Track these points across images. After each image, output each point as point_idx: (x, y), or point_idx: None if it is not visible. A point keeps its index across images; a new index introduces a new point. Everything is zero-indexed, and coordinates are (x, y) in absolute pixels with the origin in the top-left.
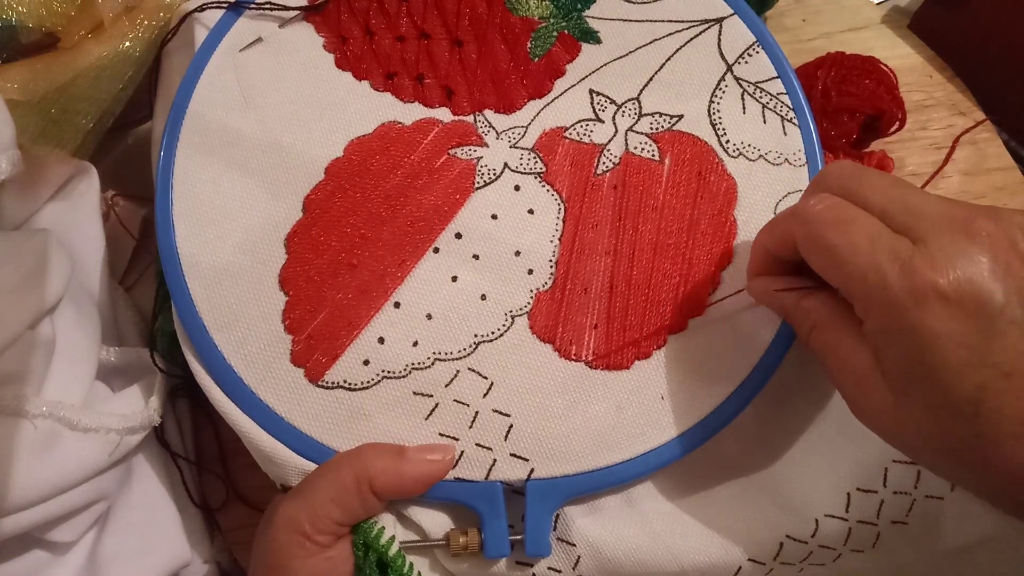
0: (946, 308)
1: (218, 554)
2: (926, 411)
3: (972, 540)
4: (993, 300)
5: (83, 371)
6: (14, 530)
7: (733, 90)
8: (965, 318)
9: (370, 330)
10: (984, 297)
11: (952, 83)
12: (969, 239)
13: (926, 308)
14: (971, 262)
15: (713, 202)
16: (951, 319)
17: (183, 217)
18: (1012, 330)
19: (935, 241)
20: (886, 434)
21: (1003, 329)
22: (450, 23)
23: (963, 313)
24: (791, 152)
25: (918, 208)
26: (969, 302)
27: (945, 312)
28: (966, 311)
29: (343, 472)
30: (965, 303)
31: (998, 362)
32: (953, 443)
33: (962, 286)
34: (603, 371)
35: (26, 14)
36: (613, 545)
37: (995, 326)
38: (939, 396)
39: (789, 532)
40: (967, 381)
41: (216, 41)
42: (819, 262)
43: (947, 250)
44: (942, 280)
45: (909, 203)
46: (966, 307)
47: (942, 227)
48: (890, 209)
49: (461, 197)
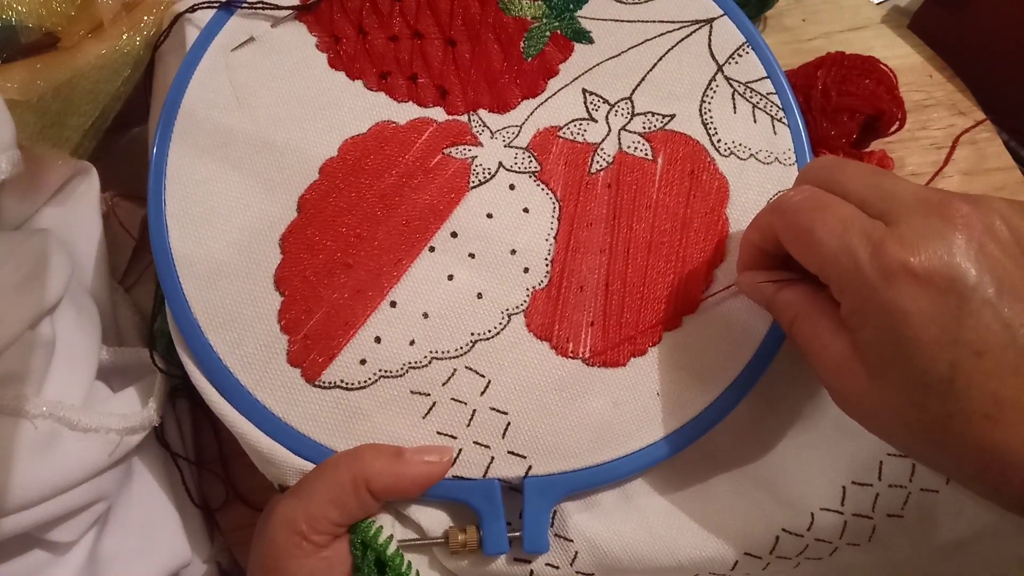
0: (917, 286)
1: (218, 554)
2: (901, 392)
3: (968, 533)
4: (965, 279)
5: (83, 371)
6: (14, 530)
7: (724, 90)
8: (936, 296)
9: (366, 329)
10: (956, 275)
11: (952, 83)
12: (943, 220)
13: (897, 286)
14: (943, 242)
15: (705, 200)
16: (922, 297)
17: (176, 217)
18: (985, 310)
19: (907, 222)
20: (865, 419)
21: (975, 308)
22: (443, 23)
23: (934, 291)
24: (781, 151)
25: (893, 192)
26: (940, 280)
27: (916, 290)
28: (937, 289)
29: (340, 472)
30: (936, 281)
31: (970, 340)
32: (928, 424)
33: (933, 264)
34: (599, 368)
35: (26, 14)
36: (610, 541)
37: (967, 305)
38: (913, 375)
39: (785, 526)
40: (939, 359)
41: (207, 41)
42: (797, 248)
43: (919, 230)
44: (913, 259)
45: (885, 188)
46: (937, 285)
47: (916, 209)
48: (867, 196)
49: (456, 196)
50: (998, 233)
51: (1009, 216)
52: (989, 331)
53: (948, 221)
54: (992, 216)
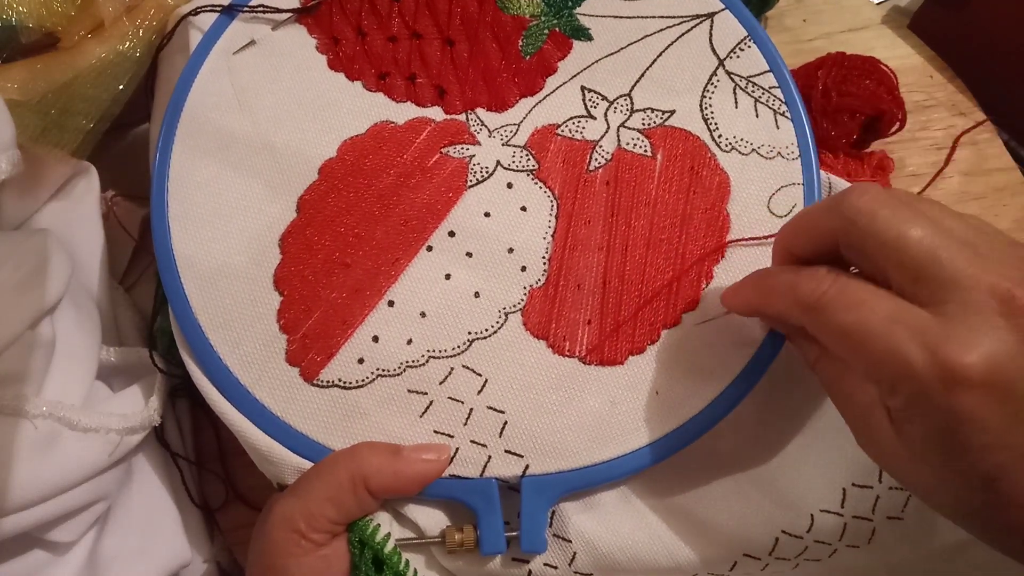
0: (976, 394)
1: (218, 554)
2: (934, 473)
3: (967, 537)
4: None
5: (83, 371)
6: (14, 530)
7: (725, 85)
8: (996, 404)
9: (364, 329)
10: (1013, 382)
11: (952, 83)
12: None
13: (955, 394)
14: (1004, 344)
15: (706, 197)
16: (981, 405)
17: (178, 219)
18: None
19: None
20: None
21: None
22: (441, 22)
23: (995, 399)
24: (784, 146)
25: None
26: (1001, 387)
27: (975, 397)
28: (998, 396)
29: (338, 471)
30: (997, 388)
31: (1018, 444)
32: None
33: (994, 371)
34: (597, 367)
35: (26, 14)
36: (609, 541)
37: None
38: (953, 466)
39: (784, 527)
40: (985, 462)
41: (210, 44)
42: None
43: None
44: (973, 364)
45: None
46: (998, 392)
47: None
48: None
49: (454, 195)
50: None
51: None
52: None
53: (1010, 318)
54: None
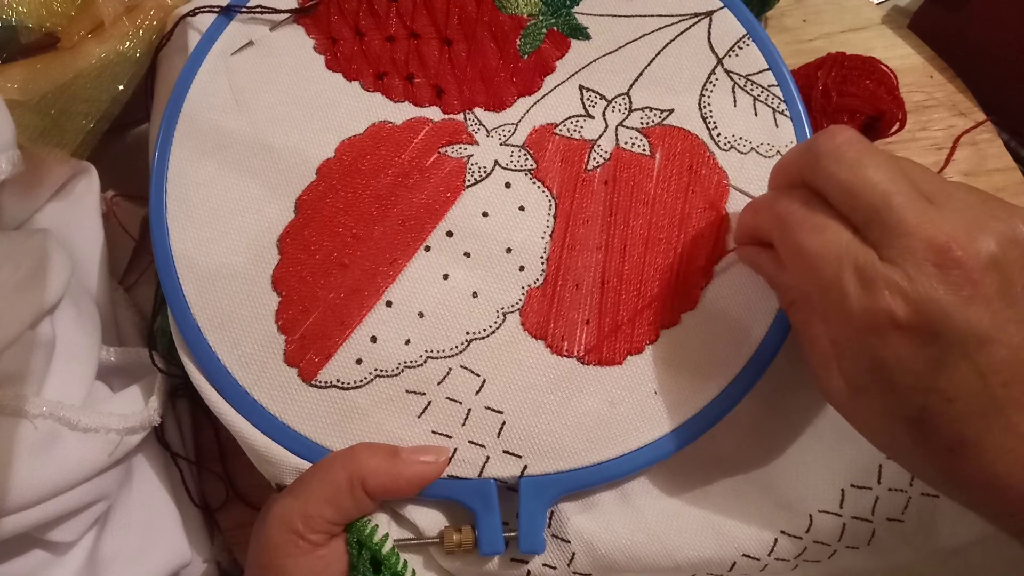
0: (900, 336)
1: (218, 554)
2: (874, 412)
3: (968, 539)
4: (950, 333)
5: (83, 371)
6: (14, 530)
7: (724, 83)
8: (918, 348)
9: (362, 329)
10: (941, 330)
11: (952, 83)
12: (939, 268)
13: (879, 334)
14: (934, 292)
15: (705, 196)
16: (903, 347)
17: (177, 219)
18: (963, 362)
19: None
20: (843, 414)
21: (955, 360)
22: (439, 22)
23: (917, 343)
24: (783, 144)
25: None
26: (924, 333)
27: (898, 339)
28: (920, 341)
29: (336, 471)
30: (920, 333)
31: (942, 388)
32: (897, 443)
33: (920, 316)
34: (595, 367)
35: (26, 14)
36: (608, 541)
37: (947, 358)
38: (884, 406)
39: (784, 528)
40: (911, 402)
41: (208, 45)
42: (790, 263)
43: (912, 275)
44: (900, 307)
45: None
46: (921, 337)
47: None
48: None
49: (452, 195)
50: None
51: None
52: (964, 380)
53: (943, 269)
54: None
